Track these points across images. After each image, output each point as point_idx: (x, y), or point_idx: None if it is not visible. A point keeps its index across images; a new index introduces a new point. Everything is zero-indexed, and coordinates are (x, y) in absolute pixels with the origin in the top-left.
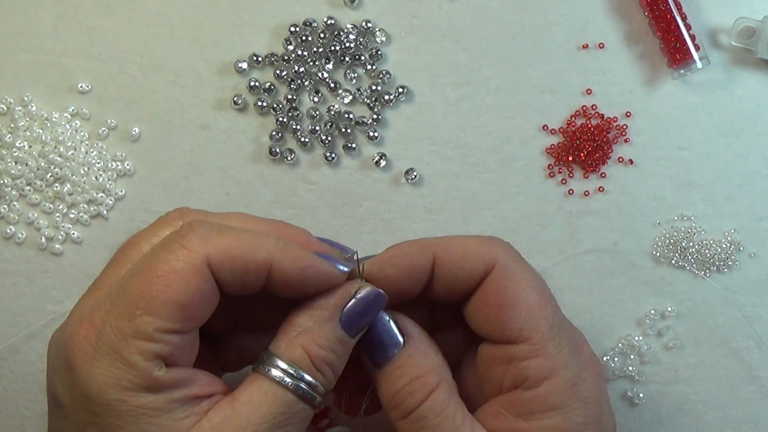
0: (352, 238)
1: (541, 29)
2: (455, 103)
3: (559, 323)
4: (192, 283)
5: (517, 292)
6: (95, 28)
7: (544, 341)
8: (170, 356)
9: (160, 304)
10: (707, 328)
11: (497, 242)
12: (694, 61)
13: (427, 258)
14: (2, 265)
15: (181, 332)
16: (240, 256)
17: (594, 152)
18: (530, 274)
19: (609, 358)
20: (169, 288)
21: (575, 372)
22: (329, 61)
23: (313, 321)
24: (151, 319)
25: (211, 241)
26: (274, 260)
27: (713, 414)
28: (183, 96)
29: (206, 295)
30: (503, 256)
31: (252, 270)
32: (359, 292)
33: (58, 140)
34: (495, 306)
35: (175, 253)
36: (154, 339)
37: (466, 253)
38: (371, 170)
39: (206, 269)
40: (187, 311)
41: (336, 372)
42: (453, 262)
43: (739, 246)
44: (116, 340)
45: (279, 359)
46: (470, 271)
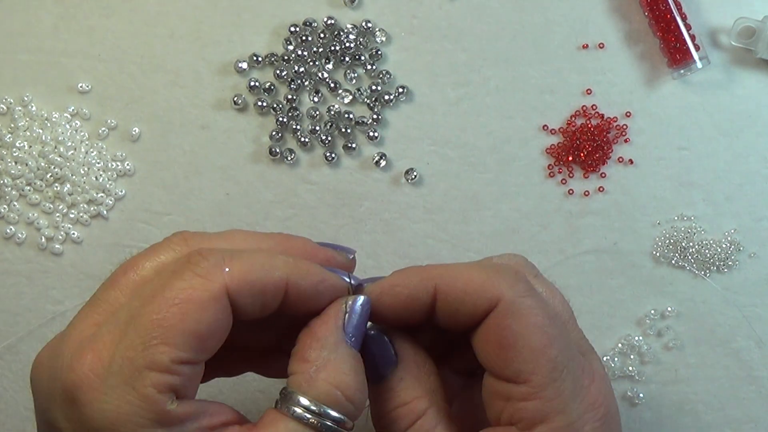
0: (352, 238)
1: (541, 29)
2: (455, 103)
3: (564, 362)
4: (210, 312)
5: (519, 331)
6: (95, 28)
7: (542, 384)
8: (182, 388)
9: (178, 333)
10: (707, 328)
11: (506, 275)
12: (694, 61)
13: (428, 291)
14: (2, 265)
15: (194, 363)
16: (258, 280)
17: (594, 152)
18: (538, 310)
19: (609, 358)
20: (187, 317)
21: (572, 418)
22: (329, 61)
23: (327, 350)
24: (167, 350)
25: (227, 266)
26: (289, 279)
27: (713, 414)
28: (183, 96)
29: (223, 325)
30: (509, 291)
31: (270, 292)
32: (349, 305)
33: (58, 140)
34: (496, 344)
35: (190, 281)
36: (169, 370)
37: (470, 288)
38: (371, 170)
39: (225, 298)
40: (203, 342)
41: (366, 393)
42: (455, 297)
43: (739, 246)
44: (128, 373)
45: (302, 397)
46: (472, 307)
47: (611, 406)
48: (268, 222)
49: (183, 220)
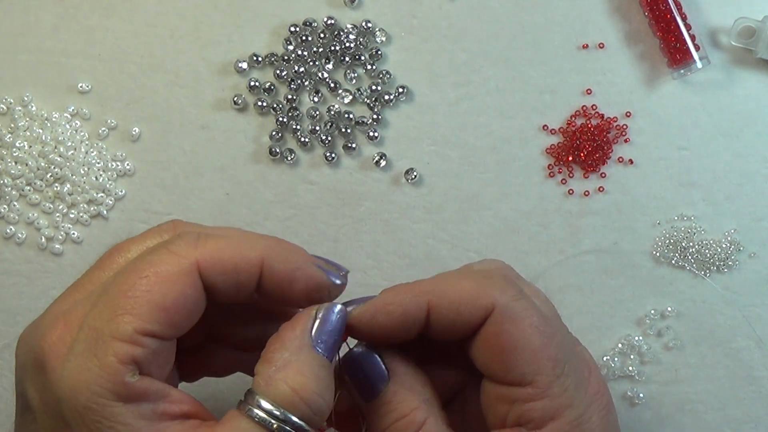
0: (352, 238)
1: (541, 29)
2: (455, 103)
3: (564, 358)
4: (177, 286)
5: (518, 335)
6: (95, 28)
7: (547, 383)
8: (145, 362)
9: (143, 304)
10: (707, 328)
11: (495, 281)
12: (694, 61)
13: (421, 307)
14: (2, 265)
15: (161, 337)
16: (231, 257)
17: (594, 152)
18: (531, 311)
19: (609, 358)
20: (154, 290)
21: (581, 410)
22: (329, 61)
23: (288, 352)
24: (131, 319)
25: (200, 246)
26: (265, 260)
27: (713, 414)
28: (183, 96)
29: (191, 301)
30: (502, 297)
31: (244, 271)
32: (320, 312)
33: (58, 140)
34: (496, 350)
35: (161, 257)
36: (132, 341)
37: (462, 299)
38: (371, 170)
39: (195, 273)
40: (170, 315)
41: (327, 400)
42: (449, 309)
43: (739, 246)
44: (92, 341)
45: (261, 398)
46: (468, 317)
47: (609, 393)
48: (268, 222)
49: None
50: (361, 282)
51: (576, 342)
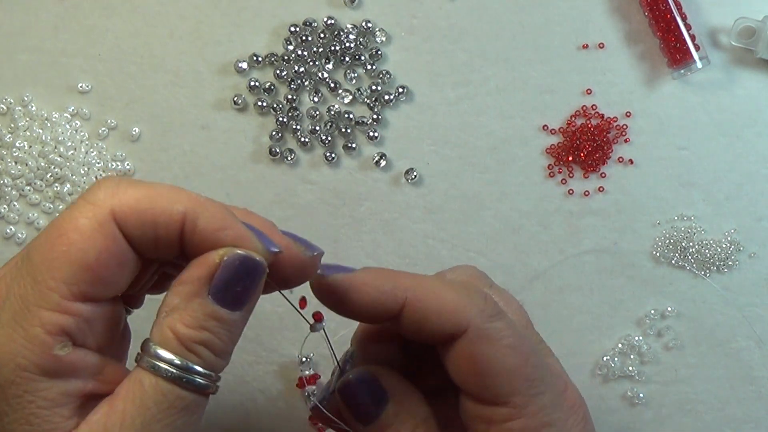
0: (352, 238)
1: (541, 29)
2: (455, 103)
3: (540, 376)
4: (97, 240)
5: (492, 355)
6: (95, 28)
7: (524, 403)
8: (79, 331)
9: (65, 265)
10: (707, 328)
11: (474, 298)
12: (694, 61)
13: (398, 301)
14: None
15: (91, 299)
16: (149, 209)
17: (594, 152)
18: (507, 331)
19: (609, 358)
20: (72, 247)
21: (559, 427)
22: (329, 61)
23: (179, 298)
24: (54, 284)
25: (118, 194)
26: (188, 215)
27: (713, 414)
28: (183, 96)
29: (115, 254)
30: (478, 316)
31: (162, 224)
32: (226, 257)
33: (58, 140)
34: (470, 370)
35: (79, 209)
36: (60, 308)
37: (440, 309)
38: (371, 170)
39: (111, 224)
40: (94, 273)
41: (219, 351)
42: (425, 315)
43: (739, 246)
44: (18, 310)
45: (153, 345)
46: (439, 328)
47: (584, 403)
48: None
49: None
50: None
51: (549, 353)
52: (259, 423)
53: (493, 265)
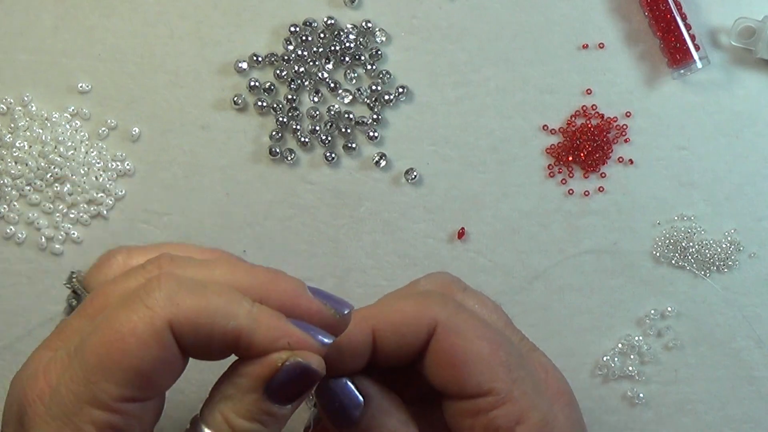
0: (352, 238)
1: (541, 29)
2: (455, 103)
3: (517, 362)
4: (153, 349)
5: (465, 346)
6: (95, 28)
7: (506, 388)
8: (126, 427)
9: (118, 369)
10: (707, 328)
11: (434, 297)
12: (694, 61)
13: (366, 333)
14: (2, 265)
15: (140, 400)
16: (206, 323)
17: (594, 152)
18: (474, 321)
19: (609, 358)
20: (128, 353)
21: (545, 410)
22: (329, 61)
23: (234, 389)
24: (108, 386)
25: (177, 301)
26: (243, 331)
27: (713, 414)
28: (183, 96)
29: (168, 361)
30: (443, 312)
31: (217, 339)
32: (287, 362)
33: (58, 140)
34: (448, 366)
35: (136, 313)
36: (109, 408)
37: (404, 320)
38: (371, 170)
39: (168, 334)
40: (146, 379)
41: None
42: (392, 332)
43: (739, 246)
44: (70, 405)
45: (204, 427)
46: (412, 337)
47: (571, 391)
48: (268, 222)
49: (183, 220)
50: (361, 282)
51: (532, 348)
52: None
53: (493, 265)
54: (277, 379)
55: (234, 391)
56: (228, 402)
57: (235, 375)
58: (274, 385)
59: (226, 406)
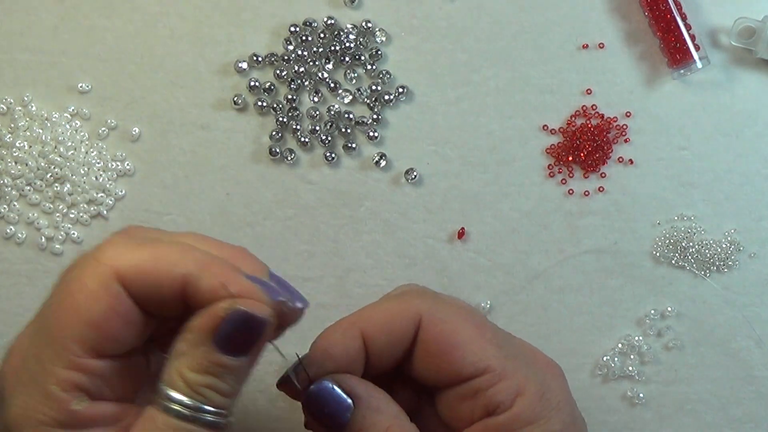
0: (352, 238)
1: (541, 29)
2: (455, 103)
3: (505, 338)
4: (102, 300)
5: (452, 330)
6: (95, 28)
7: (500, 364)
8: (93, 387)
9: (73, 324)
10: (707, 328)
11: (413, 291)
12: (694, 61)
13: (357, 338)
14: (2, 265)
15: (103, 356)
16: (152, 271)
17: (594, 152)
18: (455, 308)
19: (609, 358)
20: (80, 307)
21: (539, 381)
22: (329, 61)
23: (186, 345)
24: (66, 343)
25: (124, 252)
26: (190, 277)
27: (713, 414)
28: (183, 96)
29: (120, 312)
30: (424, 304)
31: (166, 286)
32: (230, 311)
33: (58, 140)
34: (440, 354)
35: (86, 268)
36: (72, 366)
37: (390, 317)
38: (371, 170)
39: (115, 284)
40: (102, 330)
41: (226, 392)
42: (381, 331)
43: (739, 246)
44: (36, 370)
45: (163, 387)
46: (400, 332)
47: (559, 367)
48: (268, 222)
49: (183, 220)
50: (361, 282)
51: (511, 335)
52: (259, 423)
53: (493, 265)
54: (222, 329)
55: (186, 346)
56: (181, 358)
57: (186, 331)
58: (220, 335)
59: (179, 362)
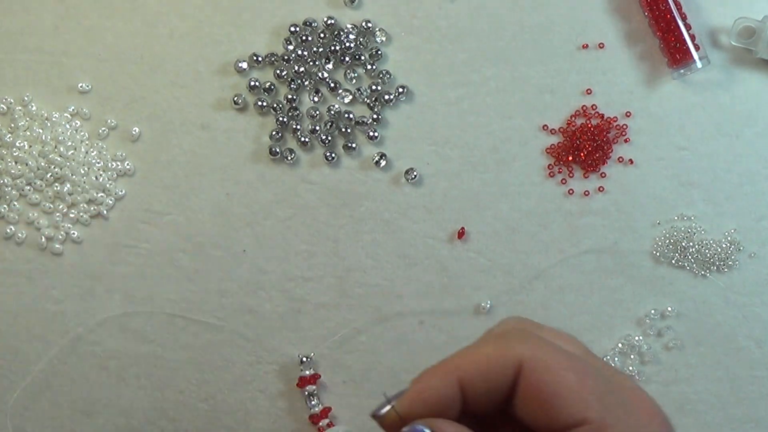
0: (352, 238)
1: (541, 29)
2: (455, 103)
3: (606, 388)
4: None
5: (553, 379)
6: (95, 28)
7: (600, 416)
8: None
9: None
10: (707, 328)
11: (514, 336)
12: (694, 61)
13: (453, 385)
14: (2, 265)
15: None
16: None
17: (594, 152)
18: (558, 354)
19: (609, 358)
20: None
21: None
22: (329, 61)
23: None
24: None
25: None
26: None
27: (713, 414)
28: (183, 96)
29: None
30: (526, 349)
31: None
32: None
33: (58, 140)
34: (539, 402)
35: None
36: None
37: (489, 364)
38: (371, 170)
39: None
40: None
41: None
42: (479, 378)
43: (739, 246)
44: None
45: None
46: (498, 380)
47: (663, 412)
48: (268, 222)
49: (183, 220)
50: (361, 282)
51: (615, 371)
52: (259, 423)
53: (493, 265)
54: None
55: None
56: None
57: None
58: None
59: None
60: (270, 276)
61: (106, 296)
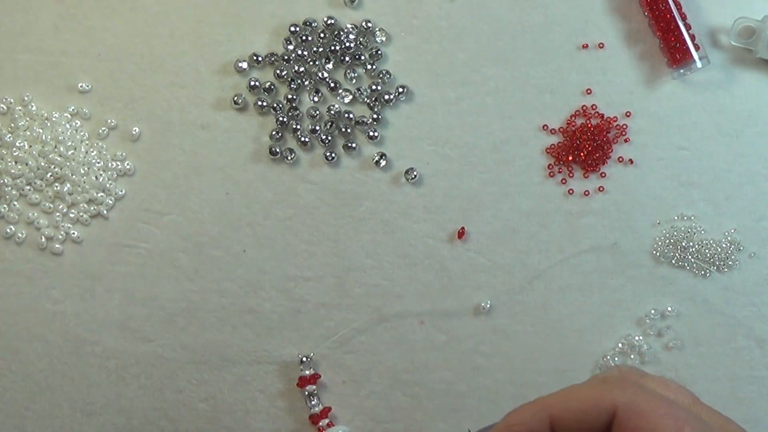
0: (352, 238)
1: (541, 29)
2: (455, 103)
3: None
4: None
5: (649, 427)
6: (95, 28)
7: None
8: None
9: None
10: (707, 328)
11: (612, 381)
12: (694, 61)
13: (543, 421)
14: (2, 265)
15: None
16: None
17: (594, 152)
18: (656, 401)
19: (609, 358)
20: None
21: None
22: (329, 61)
23: None
24: None
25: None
26: None
27: None
28: (183, 96)
29: None
30: (622, 395)
31: None
32: None
33: (58, 140)
34: None
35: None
36: None
37: (583, 406)
38: (371, 170)
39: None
40: None
41: None
42: (571, 419)
43: (739, 246)
44: None
45: None
46: (592, 422)
47: None
48: (268, 222)
49: (183, 220)
50: (361, 282)
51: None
52: (259, 423)
53: (493, 265)
54: None
55: None
56: None
57: None
58: None
59: None
60: (270, 276)
61: (106, 296)
